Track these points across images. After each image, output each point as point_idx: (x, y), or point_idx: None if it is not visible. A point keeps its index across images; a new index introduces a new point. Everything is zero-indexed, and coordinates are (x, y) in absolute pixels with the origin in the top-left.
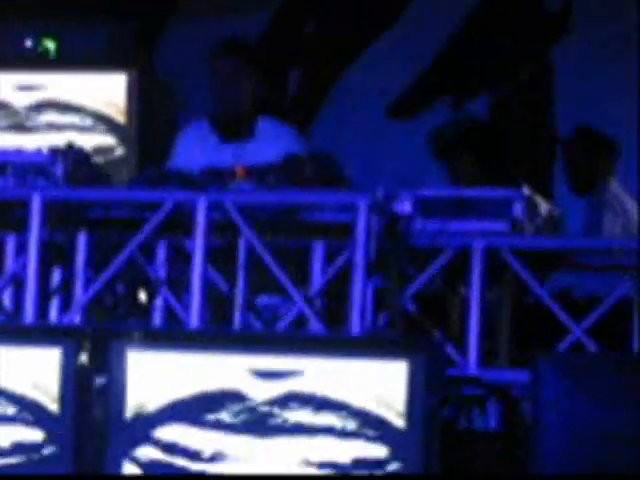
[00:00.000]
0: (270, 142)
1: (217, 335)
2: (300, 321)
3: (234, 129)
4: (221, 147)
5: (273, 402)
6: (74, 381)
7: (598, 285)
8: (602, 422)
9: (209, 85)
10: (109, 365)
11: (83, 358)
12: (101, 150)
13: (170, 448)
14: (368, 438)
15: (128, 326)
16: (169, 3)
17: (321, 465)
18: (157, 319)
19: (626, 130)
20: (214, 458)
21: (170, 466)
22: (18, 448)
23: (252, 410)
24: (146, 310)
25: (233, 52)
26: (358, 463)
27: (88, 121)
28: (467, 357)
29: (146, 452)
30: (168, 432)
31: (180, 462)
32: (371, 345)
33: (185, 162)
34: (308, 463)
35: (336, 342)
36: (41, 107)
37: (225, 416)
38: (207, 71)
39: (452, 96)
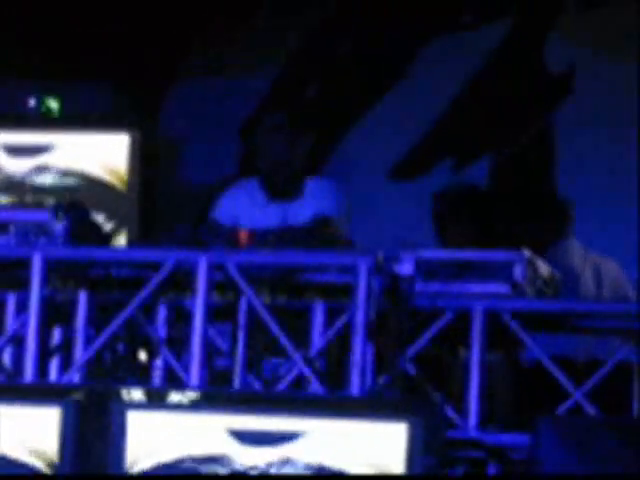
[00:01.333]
0: (313, 202)
1: (214, 395)
2: (300, 382)
3: (282, 189)
4: (267, 207)
5: (270, 464)
6: (73, 440)
7: (598, 348)
8: None
9: (258, 143)
10: (108, 425)
11: (82, 417)
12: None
13: None
14: None
15: (128, 386)
16: (172, 63)
17: None
18: (157, 379)
19: (628, 193)
20: None
21: None
22: None
23: (246, 472)
24: (146, 370)
25: (281, 106)
26: None
27: (88, 187)
28: (467, 419)
29: None
30: None
31: None
32: (371, 406)
33: (228, 220)
34: None
35: (336, 403)
36: (41, 171)
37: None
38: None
39: (453, 158)
